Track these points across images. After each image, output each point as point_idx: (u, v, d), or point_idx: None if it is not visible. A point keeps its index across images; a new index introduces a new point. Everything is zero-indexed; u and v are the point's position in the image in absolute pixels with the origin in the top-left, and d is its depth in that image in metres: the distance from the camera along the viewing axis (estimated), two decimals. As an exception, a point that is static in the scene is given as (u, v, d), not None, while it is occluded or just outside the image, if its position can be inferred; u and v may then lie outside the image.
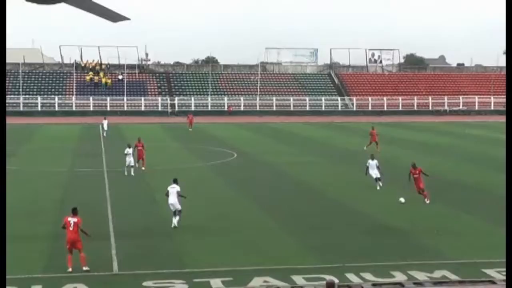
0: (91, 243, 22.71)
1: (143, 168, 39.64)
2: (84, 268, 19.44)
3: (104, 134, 63.88)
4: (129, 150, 38.42)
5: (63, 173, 39.72)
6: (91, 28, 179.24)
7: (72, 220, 19.98)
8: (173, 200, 25.28)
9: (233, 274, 19.15)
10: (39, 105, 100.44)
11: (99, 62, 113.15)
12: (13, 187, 34.98)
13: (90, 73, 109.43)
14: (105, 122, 65.59)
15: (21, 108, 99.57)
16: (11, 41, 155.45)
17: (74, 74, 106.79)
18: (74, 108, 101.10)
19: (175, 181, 26.14)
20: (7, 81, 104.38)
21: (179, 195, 25.57)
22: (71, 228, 19.84)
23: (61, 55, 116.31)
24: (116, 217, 27.04)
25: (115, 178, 36.94)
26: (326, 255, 21.35)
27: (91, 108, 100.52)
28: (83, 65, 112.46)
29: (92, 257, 21.03)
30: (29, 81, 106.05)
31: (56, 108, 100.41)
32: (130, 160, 38.12)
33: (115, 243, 22.70)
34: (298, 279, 18.70)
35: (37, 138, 64.22)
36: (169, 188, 25.66)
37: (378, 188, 33.06)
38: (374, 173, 33.38)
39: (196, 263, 20.51)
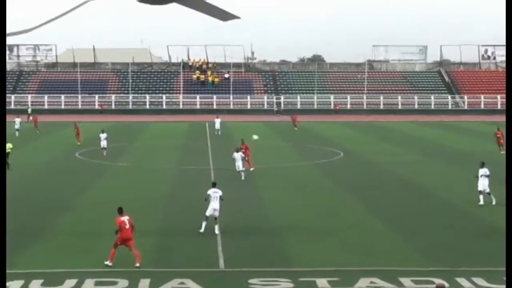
0: (198, 240, 23.04)
1: (251, 169, 39.00)
2: (137, 265, 19.55)
3: (219, 133, 64.21)
4: (236, 155, 37.59)
5: (170, 170, 40.48)
6: (198, 27, 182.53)
7: (125, 219, 20.19)
8: (216, 205, 24.03)
9: (339, 274, 18.88)
10: (148, 103, 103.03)
11: (206, 61, 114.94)
12: (123, 183, 36.03)
13: (197, 71, 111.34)
14: (217, 121, 66.13)
15: (130, 106, 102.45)
16: (121, 41, 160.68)
17: (182, 73, 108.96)
18: (181, 106, 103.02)
19: (215, 185, 24.93)
20: (117, 80, 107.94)
21: (221, 199, 24.42)
22: (127, 227, 20.00)
23: (168, 54, 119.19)
24: (222, 214, 27.20)
25: (221, 176, 37.26)
26: (435, 257, 20.71)
27: (198, 106, 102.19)
28: (190, 64, 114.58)
29: (199, 254, 21.32)
30: (137, 80, 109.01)
31: (164, 106, 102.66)
32: (238, 164, 37.35)
33: (221, 240, 22.85)
34: (406, 281, 18.23)
35: (146, 136, 65.84)
36: (210, 193, 24.26)
37: (481, 202, 29.12)
38: (482, 184, 29.38)
39: (302, 262, 20.35)
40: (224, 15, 11.54)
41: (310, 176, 38.53)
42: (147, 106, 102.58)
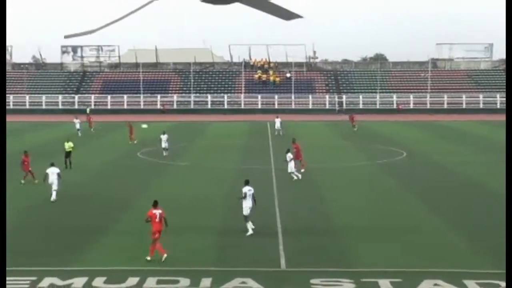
0: (259, 239, 22.98)
1: (302, 170, 38.55)
2: (165, 256, 20.04)
3: (280, 133, 63.86)
4: (289, 155, 37.27)
5: (231, 170, 40.56)
6: (260, 27, 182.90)
7: (157, 212, 20.73)
8: (250, 203, 23.80)
9: (402, 276, 18.57)
10: (209, 103, 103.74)
11: (267, 60, 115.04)
12: (183, 182, 36.29)
13: (259, 71, 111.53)
14: (277, 121, 65.99)
15: (192, 106, 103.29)
16: (183, 41, 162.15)
17: (243, 73, 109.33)
18: (242, 106, 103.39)
19: (248, 183, 24.49)
20: (179, 80, 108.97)
21: (254, 198, 24.14)
22: (157, 220, 20.57)
23: (230, 54, 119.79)
24: (283, 214, 27.16)
25: (283, 176, 37.15)
26: (500, 259, 20.12)
27: (259, 106, 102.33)
28: (251, 63, 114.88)
29: (260, 253, 21.27)
30: (199, 80, 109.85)
31: (225, 106, 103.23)
32: (290, 165, 37.02)
33: (283, 240, 22.75)
34: (470, 284, 17.87)
35: (207, 135, 66.24)
36: (246, 191, 23.98)
37: None
38: None
39: (364, 262, 20.11)
40: (287, 15, 11.46)
41: (372, 176, 38.09)
42: (209, 106, 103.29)
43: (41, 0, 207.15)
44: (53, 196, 29.81)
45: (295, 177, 35.93)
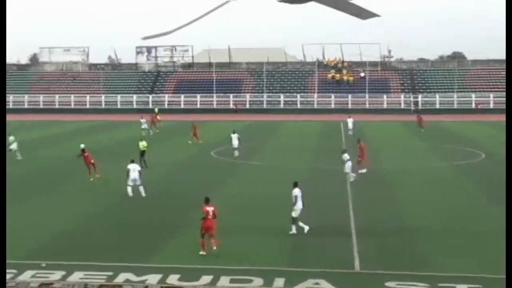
0: (332, 240, 22.74)
1: (363, 171, 37.82)
2: (215, 248, 20.57)
3: (350, 133, 63.25)
4: (346, 156, 36.55)
5: (303, 170, 40.31)
6: (333, 26, 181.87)
7: (210, 209, 21.23)
8: (301, 205, 23.69)
9: (482, 281, 18.08)
10: (282, 102, 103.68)
11: (341, 59, 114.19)
12: (256, 181, 36.27)
13: (332, 70, 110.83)
14: (350, 121, 65.31)
15: (265, 106, 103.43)
16: (256, 41, 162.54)
17: (316, 72, 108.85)
18: (315, 106, 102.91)
19: (297, 185, 24.48)
20: (251, 80, 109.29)
21: (302, 199, 23.99)
22: (210, 216, 21.09)
23: (303, 53, 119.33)
24: (357, 214, 26.81)
25: (358, 177, 36.75)
26: None
27: (333, 106, 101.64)
28: (325, 63, 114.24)
29: (334, 254, 21.02)
30: (272, 80, 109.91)
31: (298, 106, 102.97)
32: (346, 165, 36.34)
33: (357, 241, 22.44)
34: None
35: (279, 135, 66.13)
36: (298, 193, 23.97)
37: None
38: None
39: (441, 266, 19.60)
40: (363, 13, 11.25)
41: (449, 178, 37.24)
42: (281, 106, 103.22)
43: (116, 3, 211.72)
44: (142, 192, 30.79)
45: (352, 178, 35.37)
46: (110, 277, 18.64)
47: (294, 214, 23.63)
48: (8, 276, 18.62)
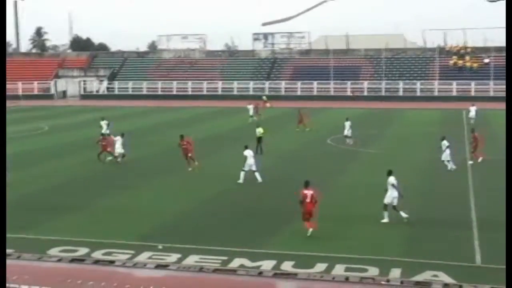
0: (451, 231, 22.00)
1: (473, 161, 36.51)
2: (310, 230, 21.00)
3: (472, 121, 60.91)
4: (444, 143, 35.37)
5: (422, 160, 39.28)
6: (455, 10, 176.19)
7: (308, 192, 21.38)
8: (396, 193, 23.58)
9: None
10: (401, 90, 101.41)
11: (464, 45, 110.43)
12: (374, 169, 35.58)
13: (454, 57, 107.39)
14: (472, 109, 63.00)
15: (383, 93, 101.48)
16: (375, 28, 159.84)
17: (438, 59, 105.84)
18: (436, 93, 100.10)
19: (392, 173, 24.33)
20: (370, 67, 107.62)
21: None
22: (308, 200, 21.22)
23: (424, 39, 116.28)
24: (479, 207, 25.82)
25: (479, 167, 35.37)
26: None
27: (454, 93, 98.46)
28: (447, 49, 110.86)
29: (453, 246, 20.38)
30: (391, 66, 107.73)
31: (418, 93, 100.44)
32: (445, 154, 35.00)
33: (478, 234, 21.60)
34: None
35: (398, 123, 64.72)
36: (393, 181, 23.83)
37: None
38: None
39: None
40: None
41: None
42: (401, 93, 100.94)
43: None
44: (258, 178, 31.20)
45: (449, 167, 34.48)
46: (225, 261, 18.78)
47: (386, 200, 23.52)
48: (125, 257, 19.16)
